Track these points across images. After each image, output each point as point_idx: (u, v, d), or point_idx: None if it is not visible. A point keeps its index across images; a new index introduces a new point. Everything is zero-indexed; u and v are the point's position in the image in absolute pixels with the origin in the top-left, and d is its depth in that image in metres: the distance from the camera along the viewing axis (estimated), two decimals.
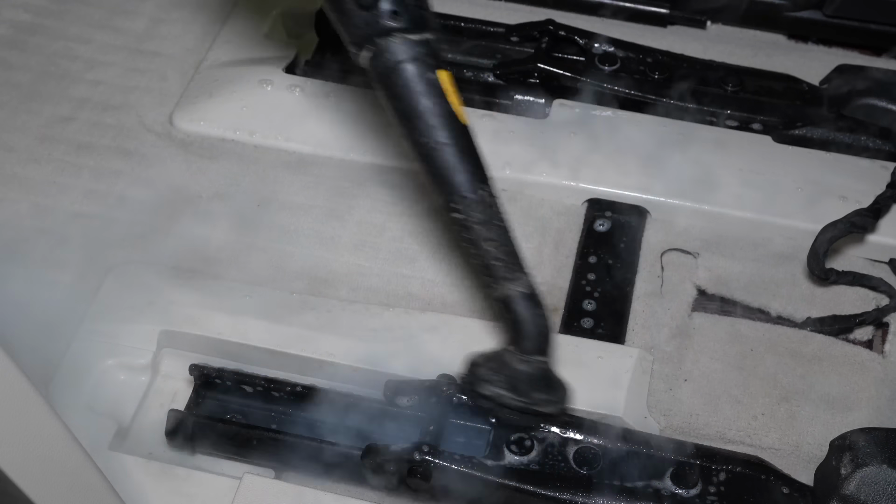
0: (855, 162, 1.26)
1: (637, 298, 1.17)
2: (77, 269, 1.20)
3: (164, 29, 1.46)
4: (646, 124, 1.29)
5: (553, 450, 0.97)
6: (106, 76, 1.40)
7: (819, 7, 1.39)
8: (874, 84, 1.22)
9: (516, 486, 0.95)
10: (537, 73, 1.31)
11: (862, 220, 1.12)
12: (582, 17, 1.44)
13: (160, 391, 1.11)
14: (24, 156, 1.31)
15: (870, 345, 1.16)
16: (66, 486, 0.81)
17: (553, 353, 0.97)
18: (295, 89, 1.33)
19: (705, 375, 1.10)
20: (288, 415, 1.05)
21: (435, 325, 1.10)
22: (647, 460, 0.96)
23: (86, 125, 1.35)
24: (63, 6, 1.48)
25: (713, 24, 1.46)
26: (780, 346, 1.13)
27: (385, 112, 0.92)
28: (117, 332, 1.11)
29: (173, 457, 1.06)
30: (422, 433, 0.97)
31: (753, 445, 1.06)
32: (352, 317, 1.11)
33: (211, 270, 1.19)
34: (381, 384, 1.03)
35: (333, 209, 1.25)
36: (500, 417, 0.99)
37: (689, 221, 1.23)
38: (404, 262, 1.20)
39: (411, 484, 0.96)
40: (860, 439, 0.90)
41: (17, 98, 1.37)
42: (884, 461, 0.88)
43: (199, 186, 1.27)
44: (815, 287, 1.18)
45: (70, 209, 1.26)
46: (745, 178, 1.24)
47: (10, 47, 1.43)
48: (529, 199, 1.25)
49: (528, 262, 1.19)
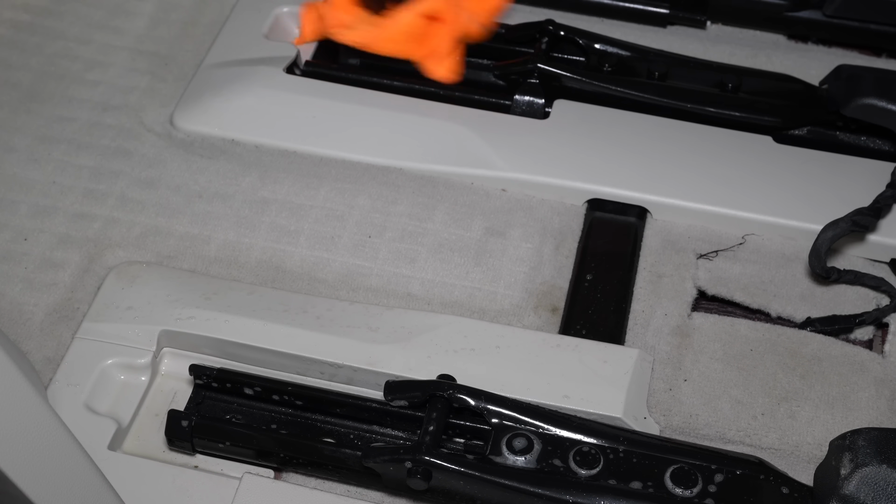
0: (855, 162, 1.26)
1: (637, 298, 1.17)
2: (77, 269, 1.20)
3: (164, 29, 1.46)
4: (646, 124, 1.30)
5: (553, 450, 0.97)
6: (106, 76, 1.40)
7: (819, 7, 1.39)
8: (874, 84, 1.22)
9: (516, 486, 0.95)
10: (537, 73, 1.31)
11: (863, 219, 1.12)
12: (582, 17, 1.44)
13: (160, 391, 1.11)
14: (24, 156, 1.31)
15: (870, 345, 1.16)
16: (66, 486, 0.81)
17: None
18: (295, 89, 1.33)
19: (705, 375, 1.10)
20: (288, 415, 1.05)
21: (435, 325, 1.10)
22: (647, 460, 0.96)
23: (86, 125, 1.35)
24: (63, 6, 1.48)
25: (713, 24, 1.46)
26: (780, 346, 1.13)
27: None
28: (117, 332, 1.11)
29: (173, 457, 1.06)
30: (422, 433, 0.97)
31: (753, 445, 1.06)
32: (352, 317, 1.11)
33: (211, 270, 1.20)
34: (381, 384, 1.02)
35: (333, 209, 1.25)
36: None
37: (689, 221, 1.23)
38: (404, 262, 1.20)
39: (411, 484, 0.96)
40: (860, 439, 0.89)
41: (17, 98, 1.38)
42: (884, 461, 0.87)
43: (199, 186, 1.27)
44: (815, 287, 1.18)
45: (70, 209, 1.26)
46: (745, 178, 1.24)
47: (10, 47, 1.43)
48: (529, 199, 1.25)
49: (528, 262, 1.20)
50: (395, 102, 1.32)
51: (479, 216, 1.24)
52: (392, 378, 1.04)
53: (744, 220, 1.21)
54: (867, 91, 1.21)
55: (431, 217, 1.24)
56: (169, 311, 1.11)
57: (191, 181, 1.28)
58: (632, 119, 1.30)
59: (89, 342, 1.11)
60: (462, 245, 1.22)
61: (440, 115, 1.31)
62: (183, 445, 1.04)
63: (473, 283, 1.19)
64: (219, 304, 1.12)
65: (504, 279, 1.19)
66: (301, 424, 1.04)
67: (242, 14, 1.43)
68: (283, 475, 1.05)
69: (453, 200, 1.25)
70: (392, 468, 0.97)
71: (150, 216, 1.25)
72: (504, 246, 1.21)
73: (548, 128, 1.29)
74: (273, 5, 1.43)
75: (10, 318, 1.15)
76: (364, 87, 1.34)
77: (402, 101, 1.32)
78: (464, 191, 1.26)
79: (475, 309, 1.17)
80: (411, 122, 1.30)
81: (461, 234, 1.22)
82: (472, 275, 1.19)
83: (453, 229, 1.23)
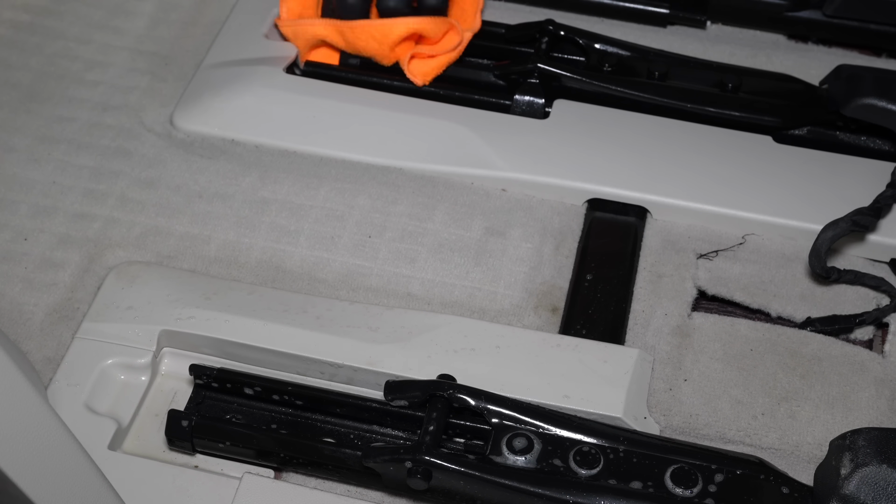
0: (855, 162, 1.26)
1: (637, 298, 1.17)
2: (77, 269, 1.20)
3: (164, 29, 1.46)
4: (646, 124, 1.30)
5: (553, 450, 0.97)
6: (106, 76, 1.40)
7: (819, 7, 1.39)
8: (874, 84, 1.22)
9: (516, 486, 0.95)
10: (537, 73, 1.31)
11: (863, 219, 1.12)
12: (582, 17, 1.44)
13: (160, 391, 1.11)
14: (24, 156, 1.31)
15: (870, 345, 1.16)
16: (66, 486, 0.81)
17: None
18: (295, 89, 1.33)
19: (705, 375, 1.10)
20: (288, 415, 1.05)
21: (435, 325, 1.10)
22: (647, 460, 0.96)
23: (86, 125, 1.35)
24: (63, 6, 1.48)
25: (713, 24, 1.46)
26: (780, 346, 1.13)
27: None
28: (117, 332, 1.11)
29: (173, 457, 1.06)
30: (422, 433, 0.97)
31: (753, 445, 1.06)
32: (352, 317, 1.11)
33: (211, 270, 1.20)
34: (381, 384, 1.02)
35: (333, 209, 1.25)
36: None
37: (689, 221, 1.23)
38: (404, 262, 1.21)
39: (411, 484, 0.96)
40: (860, 439, 0.89)
41: (17, 98, 1.38)
42: (884, 461, 0.87)
43: (199, 186, 1.27)
44: (815, 287, 1.18)
45: (70, 209, 1.26)
46: (745, 177, 1.24)
47: (10, 47, 1.43)
48: (529, 199, 1.25)
49: (528, 262, 1.20)
50: (395, 102, 1.32)
51: (479, 216, 1.24)
52: (392, 378, 1.04)
53: (744, 220, 1.21)
54: (867, 91, 1.21)
55: (431, 217, 1.24)
56: (169, 311, 1.11)
57: (191, 181, 1.28)
58: (632, 119, 1.30)
59: (89, 342, 1.11)
60: (462, 245, 1.22)
61: (440, 115, 1.31)
62: (183, 445, 1.04)
63: (473, 283, 1.19)
64: (219, 303, 1.12)
65: (504, 279, 1.19)
66: (301, 424, 1.04)
67: (242, 14, 1.43)
68: (283, 475, 1.05)
69: (453, 200, 1.25)
70: (392, 468, 0.97)
71: (150, 216, 1.25)
72: (504, 246, 1.21)
73: (548, 128, 1.29)
74: (273, 5, 1.42)
75: (10, 318, 1.15)
76: (364, 87, 1.34)
77: (402, 101, 1.32)
78: (464, 191, 1.26)
79: (475, 309, 1.17)
80: (411, 122, 1.30)
81: (461, 234, 1.22)
82: (472, 275, 1.19)
83: (453, 229, 1.23)
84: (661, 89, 1.31)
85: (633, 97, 1.31)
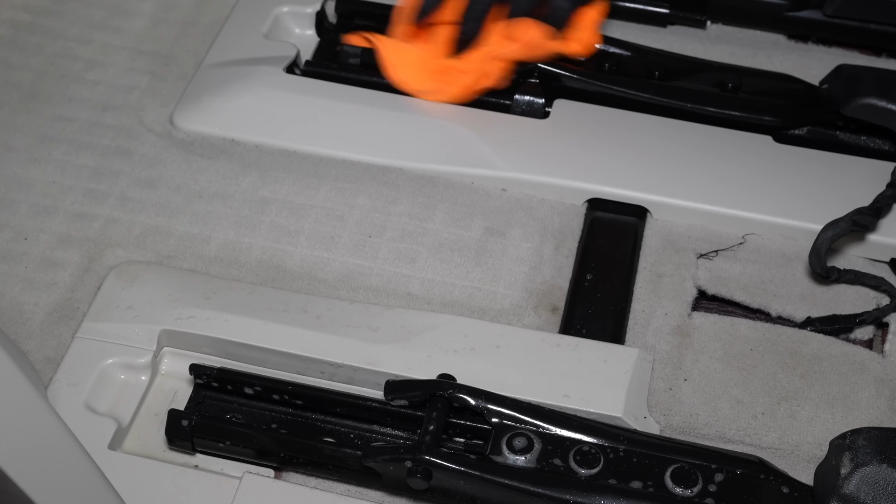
0: (855, 162, 1.26)
1: (637, 298, 1.17)
2: (77, 268, 1.20)
3: (164, 29, 1.46)
4: (646, 124, 1.30)
5: (553, 449, 0.97)
6: (106, 76, 1.40)
7: (819, 7, 1.39)
8: (874, 84, 1.22)
9: (516, 485, 0.95)
10: (537, 73, 1.31)
11: (864, 218, 1.12)
12: None
13: (160, 391, 1.11)
14: (24, 156, 1.31)
15: (870, 345, 1.16)
16: (66, 486, 0.81)
17: None
18: (295, 89, 1.33)
19: (705, 375, 1.10)
20: (288, 414, 1.05)
21: (435, 325, 1.10)
22: (647, 460, 0.96)
23: (86, 125, 1.35)
24: (63, 6, 1.48)
25: (713, 24, 1.46)
26: (780, 346, 1.13)
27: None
28: (117, 332, 1.11)
29: (173, 456, 1.06)
30: (422, 433, 0.97)
31: (753, 445, 1.06)
32: (352, 316, 1.11)
33: (211, 270, 1.20)
34: (381, 384, 1.02)
35: (333, 209, 1.25)
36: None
37: (689, 221, 1.23)
38: (404, 262, 1.21)
39: (411, 483, 0.96)
40: (860, 439, 0.89)
41: (17, 98, 1.38)
42: (884, 461, 0.87)
43: (199, 186, 1.27)
44: (815, 287, 1.18)
45: (70, 209, 1.26)
46: (745, 177, 1.24)
47: (10, 47, 1.43)
48: (529, 199, 1.25)
49: (528, 262, 1.20)
50: (395, 102, 1.32)
51: (479, 216, 1.24)
52: (392, 377, 1.04)
53: (744, 219, 1.21)
54: (867, 91, 1.21)
55: (431, 217, 1.24)
56: (169, 311, 1.11)
57: (191, 181, 1.28)
58: (632, 119, 1.30)
59: (89, 342, 1.11)
60: (462, 245, 1.22)
61: (440, 114, 1.31)
62: (183, 445, 1.04)
63: (473, 283, 1.19)
64: (219, 303, 1.12)
65: (504, 279, 1.19)
66: (301, 424, 1.04)
67: (242, 14, 1.43)
68: (284, 475, 1.05)
69: (453, 200, 1.25)
70: (392, 468, 0.97)
71: (150, 216, 1.25)
72: (504, 245, 1.22)
73: (548, 127, 1.29)
74: (273, 5, 1.43)
75: (10, 317, 1.15)
76: (364, 87, 1.34)
77: (402, 101, 1.32)
78: (464, 190, 1.26)
79: (475, 308, 1.17)
80: (411, 122, 1.30)
81: (461, 234, 1.23)
82: (472, 274, 1.19)
83: (453, 229, 1.23)
84: (661, 89, 1.31)
85: (633, 97, 1.31)
